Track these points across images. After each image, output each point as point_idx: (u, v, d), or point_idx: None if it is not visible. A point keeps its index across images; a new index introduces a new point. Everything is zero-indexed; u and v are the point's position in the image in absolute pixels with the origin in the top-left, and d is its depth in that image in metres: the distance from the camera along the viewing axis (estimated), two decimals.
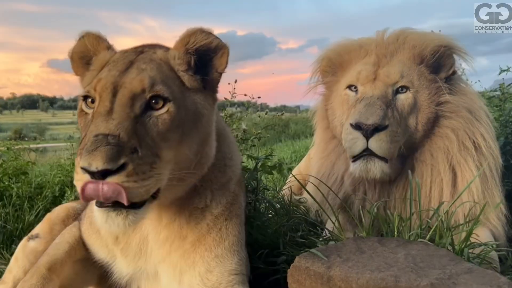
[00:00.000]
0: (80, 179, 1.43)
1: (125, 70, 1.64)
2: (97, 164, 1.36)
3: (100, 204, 1.50)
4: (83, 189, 1.41)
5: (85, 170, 1.39)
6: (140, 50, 1.78)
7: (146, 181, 1.48)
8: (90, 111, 1.62)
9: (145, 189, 1.49)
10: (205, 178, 1.90)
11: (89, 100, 1.64)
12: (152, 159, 1.52)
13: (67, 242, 2.07)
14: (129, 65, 1.67)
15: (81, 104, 1.68)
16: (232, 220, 1.94)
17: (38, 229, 2.53)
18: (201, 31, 1.74)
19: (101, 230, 1.99)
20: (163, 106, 1.59)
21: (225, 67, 1.81)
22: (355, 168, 2.57)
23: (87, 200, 1.48)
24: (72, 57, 1.87)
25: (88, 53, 1.86)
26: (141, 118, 1.55)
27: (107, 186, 1.39)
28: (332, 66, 3.03)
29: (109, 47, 1.84)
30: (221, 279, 1.84)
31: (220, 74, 1.82)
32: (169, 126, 1.59)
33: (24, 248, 2.52)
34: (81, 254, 2.10)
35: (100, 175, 1.38)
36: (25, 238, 2.59)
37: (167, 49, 1.83)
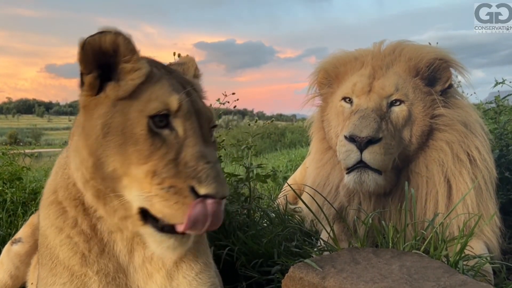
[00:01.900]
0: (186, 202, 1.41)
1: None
2: (226, 190, 1.42)
3: (162, 229, 1.47)
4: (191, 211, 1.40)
5: (210, 196, 1.40)
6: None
7: None
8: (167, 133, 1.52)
9: None
10: None
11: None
12: None
13: None
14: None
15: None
16: (203, 239, 1.88)
17: (20, 233, 2.52)
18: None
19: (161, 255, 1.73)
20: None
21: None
22: (349, 180, 2.57)
23: (192, 225, 1.41)
24: (83, 47, 1.54)
25: (108, 55, 1.60)
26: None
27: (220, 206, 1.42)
28: (328, 78, 3.05)
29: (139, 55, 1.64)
30: None
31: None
32: None
33: (8, 253, 2.51)
34: None
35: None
36: (9, 242, 2.58)
37: None
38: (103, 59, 1.55)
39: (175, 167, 1.44)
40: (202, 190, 1.38)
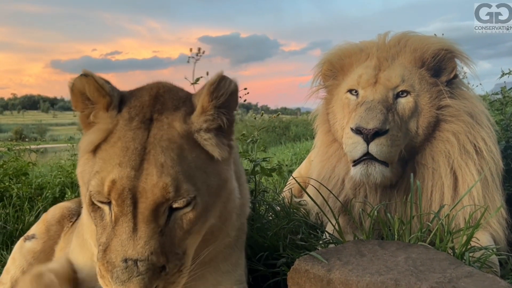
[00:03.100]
0: None
1: (140, 164, 1.39)
2: None
3: None
4: None
5: None
6: (151, 116, 1.50)
7: (177, 285, 1.45)
8: (106, 213, 1.45)
9: None
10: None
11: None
12: (180, 262, 1.45)
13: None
14: (143, 154, 1.41)
15: (89, 202, 1.47)
16: (240, 239, 1.94)
17: (34, 229, 2.53)
18: (225, 79, 1.47)
19: None
20: (188, 204, 1.41)
21: (237, 104, 1.59)
22: (356, 172, 2.57)
23: None
24: (72, 90, 1.54)
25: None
26: (166, 228, 1.41)
27: None
28: (333, 70, 3.03)
29: (110, 104, 1.53)
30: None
31: (234, 112, 1.60)
32: (195, 221, 1.45)
33: (21, 249, 2.52)
34: None
35: None
36: (21, 239, 2.59)
37: (184, 103, 1.55)
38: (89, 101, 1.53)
39: (103, 251, 1.40)
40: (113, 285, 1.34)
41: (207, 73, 2.78)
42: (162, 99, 1.54)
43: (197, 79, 2.88)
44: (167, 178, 1.37)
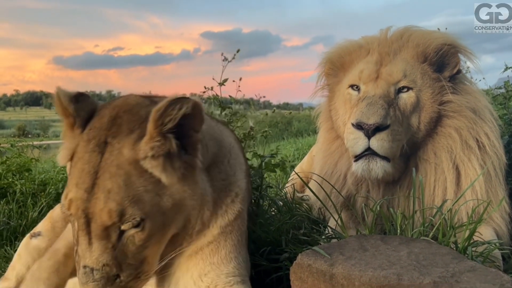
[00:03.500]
0: None
1: (92, 187, 1.49)
2: None
3: None
4: None
5: None
6: (105, 140, 1.53)
7: None
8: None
9: None
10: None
11: None
12: (136, 271, 1.58)
13: None
14: (95, 178, 1.49)
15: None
16: (233, 233, 1.92)
17: (40, 227, 2.54)
18: (176, 102, 1.48)
19: None
20: (136, 226, 1.51)
21: (202, 123, 1.60)
22: (357, 167, 2.57)
23: None
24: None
25: None
26: (118, 243, 1.52)
27: None
28: (334, 68, 3.04)
29: (73, 124, 1.61)
30: (217, 280, 1.84)
31: (198, 132, 1.62)
32: (146, 239, 1.56)
33: (27, 246, 2.53)
34: None
35: None
36: (27, 236, 2.60)
37: (141, 124, 1.55)
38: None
39: (75, 254, 1.57)
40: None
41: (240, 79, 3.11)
42: (119, 121, 1.56)
43: (225, 80, 3.05)
44: (112, 204, 1.46)
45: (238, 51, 3.08)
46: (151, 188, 1.52)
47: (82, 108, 1.60)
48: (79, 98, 1.61)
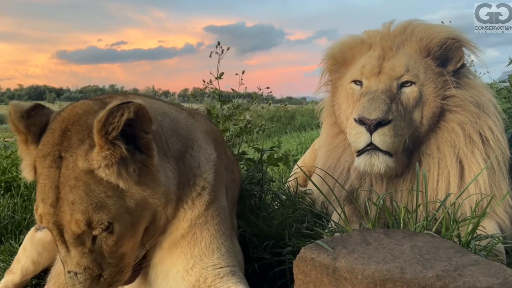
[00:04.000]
0: None
1: (56, 201, 1.54)
2: None
3: None
4: None
5: None
6: (60, 154, 1.55)
7: (118, 283, 1.71)
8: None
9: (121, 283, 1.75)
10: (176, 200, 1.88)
11: None
12: (118, 267, 1.67)
13: None
14: (57, 192, 1.53)
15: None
16: (208, 223, 1.92)
17: None
18: (117, 109, 1.48)
19: None
20: (106, 229, 1.58)
21: (151, 124, 1.61)
22: (359, 162, 2.57)
23: None
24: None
25: None
26: (94, 247, 1.60)
27: None
28: (336, 64, 3.04)
29: (26, 140, 1.66)
30: (206, 274, 1.85)
31: (149, 133, 1.62)
32: (118, 238, 1.62)
33: (32, 239, 2.55)
34: None
35: None
36: (32, 229, 2.61)
37: (90, 133, 1.55)
38: None
39: (60, 259, 1.68)
40: None
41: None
42: (69, 134, 1.58)
43: (221, 74, 3.03)
44: (77, 214, 1.51)
45: (228, 48, 3.05)
46: (112, 193, 1.56)
47: (34, 123, 1.64)
48: (31, 113, 1.64)
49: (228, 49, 3.04)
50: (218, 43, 3.05)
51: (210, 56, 3.04)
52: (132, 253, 1.73)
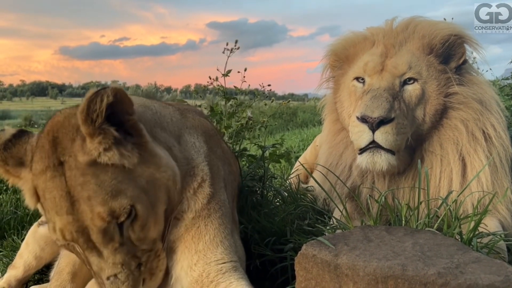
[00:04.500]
0: None
1: (72, 207, 1.53)
2: None
3: None
4: None
5: None
6: (59, 160, 1.56)
7: (160, 273, 1.74)
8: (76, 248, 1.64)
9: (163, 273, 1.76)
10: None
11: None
12: (153, 254, 1.69)
13: None
14: (70, 197, 1.53)
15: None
16: (211, 216, 1.93)
17: None
18: (96, 95, 1.49)
19: None
20: (130, 214, 1.57)
21: (132, 105, 1.63)
22: (362, 160, 2.56)
23: None
24: None
25: None
26: (123, 238, 1.59)
27: None
28: (339, 61, 3.02)
29: (8, 172, 1.68)
30: (209, 269, 1.85)
31: (133, 114, 1.64)
32: (144, 220, 1.62)
33: (34, 234, 2.56)
34: None
35: None
36: (35, 224, 2.62)
37: (78, 129, 1.57)
38: None
39: (94, 276, 1.66)
40: None
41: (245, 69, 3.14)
42: (59, 140, 1.58)
43: (228, 71, 3.07)
44: (98, 207, 1.51)
45: (238, 48, 3.09)
46: (122, 178, 1.56)
47: (10, 155, 1.66)
48: (7, 145, 1.66)
49: (238, 48, 3.07)
50: (227, 44, 3.12)
51: (223, 52, 3.08)
52: (159, 237, 1.74)
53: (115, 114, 1.55)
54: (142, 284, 1.64)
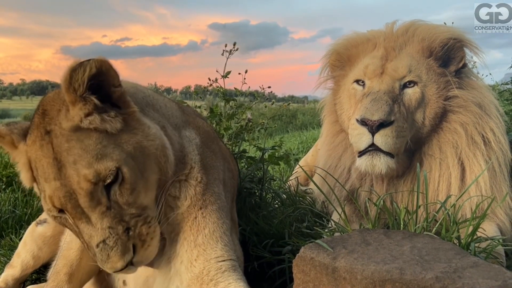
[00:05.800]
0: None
1: (59, 172, 1.56)
2: (120, 265, 1.59)
3: None
4: None
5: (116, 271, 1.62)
6: (46, 130, 1.61)
7: (152, 241, 1.71)
8: (67, 218, 1.65)
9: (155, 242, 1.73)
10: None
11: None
12: (142, 219, 1.67)
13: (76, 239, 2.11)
14: (57, 163, 1.56)
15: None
16: (208, 208, 1.93)
17: (45, 214, 2.56)
18: (79, 66, 1.52)
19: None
20: (117, 176, 1.58)
21: (118, 77, 1.63)
22: (361, 163, 2.56)
23: None
24: None
25: None
26: (110, 202, 1.60)
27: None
28: (340, 60, 3.02)
29: (13, 142, 1.71)
30: (209, 266, 1.84)
31: (119, 86, 1.66)
32: (132, 184, 1.62)
33: (32, 233, 2.55)
34: None
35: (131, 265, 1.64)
36: (33, 223, 2.62)
37: (65, 101, 1.61)
38: None
39: (86, 247, 1.67)
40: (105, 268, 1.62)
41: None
42: (47, 111, 1.64)
43: (228, 73, 3.08)
44: (83, 170, 1.53)
45: (237, 49, 3.10)
46: (107, 142, 1.59)
47: (14, 127, 1.74)
48: (16, 122, 1.77)
49: (237, 49, 3.07)
50: (226, 45, 3.13)
51: (223, 54, 3.08)
52: (152, 205, 1.74)
53: (102, 86, 1.59)
54: (133, 252, 1.63)
